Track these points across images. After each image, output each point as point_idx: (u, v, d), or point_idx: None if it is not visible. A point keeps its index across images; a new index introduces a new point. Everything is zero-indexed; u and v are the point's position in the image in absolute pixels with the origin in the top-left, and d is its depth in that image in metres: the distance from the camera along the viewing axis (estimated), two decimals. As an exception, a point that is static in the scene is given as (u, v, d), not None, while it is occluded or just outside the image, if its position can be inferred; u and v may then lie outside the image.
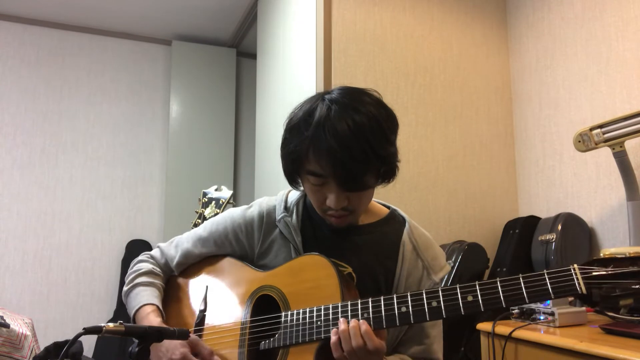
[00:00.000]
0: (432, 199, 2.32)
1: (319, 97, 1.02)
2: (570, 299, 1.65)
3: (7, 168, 3.43)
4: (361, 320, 0.91)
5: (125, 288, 1.19)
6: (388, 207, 1.20)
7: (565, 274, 0.83)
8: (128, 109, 3.80)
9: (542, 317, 1.55)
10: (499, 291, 0.86)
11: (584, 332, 1.43)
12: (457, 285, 0.90)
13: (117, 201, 3.68)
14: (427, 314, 0.89)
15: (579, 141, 1.80)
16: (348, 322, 0.91)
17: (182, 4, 3.41)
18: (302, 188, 1.09)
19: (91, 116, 3.69)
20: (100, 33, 3.77)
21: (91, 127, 3.68)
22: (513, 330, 1.50)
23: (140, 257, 1.25)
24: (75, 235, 3.53)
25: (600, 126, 1.77)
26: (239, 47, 4.07)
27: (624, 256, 0.83)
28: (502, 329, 1.54)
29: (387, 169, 1.02)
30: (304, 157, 0.98)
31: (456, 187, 2.39)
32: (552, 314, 1.52)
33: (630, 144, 1.78)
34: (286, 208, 1.14)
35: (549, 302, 1.54)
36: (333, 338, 0.91)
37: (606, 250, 0.86)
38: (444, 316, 0.89)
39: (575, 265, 0.84)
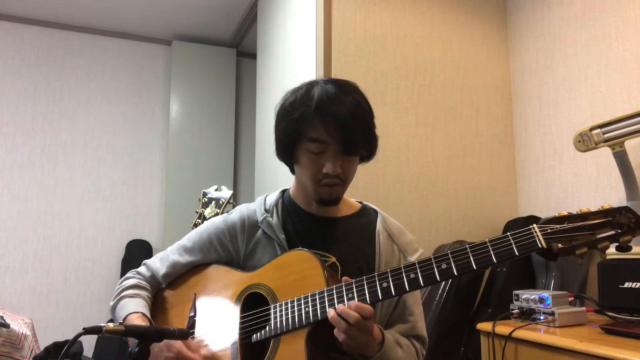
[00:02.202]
0: (432, 199, 2.32)
1: (311, 82, 1.14)
2: (571, 298, 1.65)
3: (7, 168, 3.43)
4: (349, 302, 0.96)
5: (111, 303, 1.21)
6: (360, 202, 1.29)
7: (526, 233, 0.94)
8: (128, 109, 3.80)
9: (542, 317, 1.55)
10: (469, 256, 0.95)
11: (584, 332, 1.43)
12: (432, 256, 0.97)
13: (117, 201, 3.68)
14: (406, 285, 0.96)
15: (579, 141, 1.80)
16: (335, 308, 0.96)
17: (182, 4, 3.41)
18: (293, 163, 1.16)
19: (91, 116, 3.69)
20: (100, 33, 3.77)
21: (91, 127, 3.68)
22: (513, 330, 1.50)
23: (126, 275, 1.28)
24: (75, 235, 3.53)
25: (600, 126, 1.77)
26: (239, 47, 4.07)
27: (575, 213, 0.95)
28: (502, 329, 1.54)
29: (373, 141, 1.14)
30: (308, 125, 1.07)
31: (456, 187, 2.39)
32: (552, 314, 1.52)
33: (630, 144, 1.78)
34: (266, 210, 1.20)
35: (549, 302, 1.54)
36: (335, 332, 0.95)
37: (562, 212, 0.97)
38: (422, 285, 0.96)
39: (535, 225, 0.94)
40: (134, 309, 1.14)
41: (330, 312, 0.95)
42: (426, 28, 2.44)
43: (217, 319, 1.12)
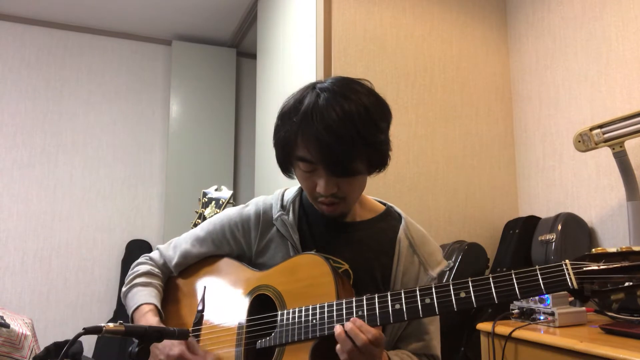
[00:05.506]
0: (432, 199, 2.32)
1: (310, 86, 1.05)
2: (570, 298, 1.65)
3: (7, 168, 3.43)
4: (352, 318, 0.91)
5: (123, 289, 1.20)
6: (384, 204, 1.21)
7: (557, 269, 0.84)
8: (128, 109, 3.80)
9: (542, 317, 1.55)
10: (491, 287, 0.87)
11: (584, 332, 1.43)
12: (450, 282, 0.90)
13: (117, 201, 3.68)
14: (420, 310, 0.90)
15: (579, 141, 1.80)
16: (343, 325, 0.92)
17: (182, 4, 3.41)
18: (294, 176, 1.10)
19: (91, 116, 3.69)
20: (100, 33, 3.77)
21: (91, 127, 3.68)
22: (513, 330, 1.50)
23: (139, 260, 1.27)
24: (75, 235, 3.53)
25: (600, 126, 1.77)
26: (239, 47, 4.07)
27: (614, 252, 0.84)
28: (502, 329, 1.54)
29: (377, 156, 1.01)
30: (293, 143, 1.00)
31: (456, 187, 2.39)
32: (552, 314, 1.52)
33: (630, 144, 1.78)
34: (282, 206, 1.15)
35: (549, 302, 1.54)
36: (337, 347, 0.91)
37: (598, 248, 0.87)
38: (437, 313, 0.90)
39: (567, 261, 0.84)
40: (145, 300, 1.13)
41: (338, 329, 0.90)
42: (426, 28, 2.44)
43: (223, 318, 1.11)
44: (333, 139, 0.94)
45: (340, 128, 0.94)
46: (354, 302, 0.94)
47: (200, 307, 1.15)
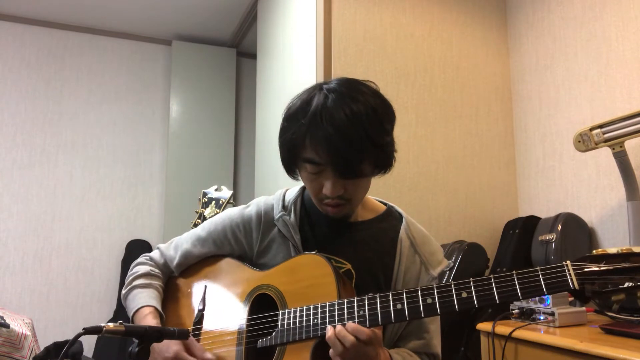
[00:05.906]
0: (432, 199, 2.32)
1: (317, 87, 1.03)
2: (570, 298, 1.65)
3: (7, 168, 3.43)
4: (347, 323, 0.91)
5: (123, 291, 1.20)
6: (385, 204, 1.21)
7: (558, 270, 0.84)
8: (128, 109, 3.80)
9: (542, 317, 1.55)
10: (492, 287, 0.87)
11: (584, 332, 1.43)
12: (452, 282, 0.90)
13: (117, 201, 3.68)
14: (422, 310, 0.91)
15: (579, 141, 1.80)
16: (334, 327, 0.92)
17: (182, 4, 3.41)
18: (299, 178, 1.09)
19: (91, 116, 3.69)
20: (100, 33, 3.77)
21: (91, 127, 3.68)
22: (513, 330, 1.50)
23: (138, 260, 1.26)
24: (75, 235, 3.53)
25: (600, 126, 1.77)
26: (239, 47, 4.07)
27: (615, 253, 0.84)
28: (502, 329, 1.54)
29: (383, 157, 1.02)
30: (301, 145, 0.99)
31: (456, 187, 2.39)
32: (552, 314, 1.52)
33: (630, 144, 1.78)
34: (284, 207, 1.15)
35: (549, 302, 1.54)
36: (331, 352, 0.91)
37: (599, 249, 0.87)
38: (439, 312, 0.90)
39: (568, 262, 0.85)
40: (146, 302, 1.12)
41: (329, 331, 0.91)
42: (426, 28, 2.44)
43: (224, 317, 1.11)
44: (342, 141, 0.94)
45: (350, 129, 0.94)
46: (355, 302, 0.94)
47: (201, 307, 1.15)
